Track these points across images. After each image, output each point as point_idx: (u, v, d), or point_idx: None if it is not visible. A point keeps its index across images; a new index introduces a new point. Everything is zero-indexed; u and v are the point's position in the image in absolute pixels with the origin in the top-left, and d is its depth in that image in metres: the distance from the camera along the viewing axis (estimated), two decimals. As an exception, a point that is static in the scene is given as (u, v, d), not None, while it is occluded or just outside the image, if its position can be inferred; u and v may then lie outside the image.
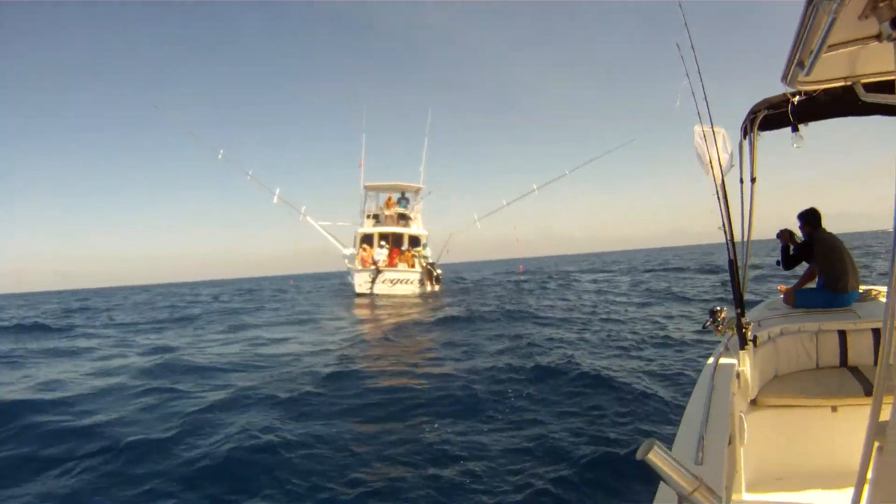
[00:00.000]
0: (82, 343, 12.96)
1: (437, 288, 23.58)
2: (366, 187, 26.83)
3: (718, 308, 2.94)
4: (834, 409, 3.06)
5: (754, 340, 2.81)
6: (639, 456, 1.03)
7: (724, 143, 3.30)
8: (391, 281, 22.79)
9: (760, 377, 3.27)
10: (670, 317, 11.84)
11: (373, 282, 22.52)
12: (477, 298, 19.01)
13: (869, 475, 1.74)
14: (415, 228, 25.98)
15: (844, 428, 2.89)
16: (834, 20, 1.64)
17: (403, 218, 26.08)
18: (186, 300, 32.53)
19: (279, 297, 28.82)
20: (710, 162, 3.06)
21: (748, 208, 3.45)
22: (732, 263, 2.84)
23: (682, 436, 1.95)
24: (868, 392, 2.90)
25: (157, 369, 8.54)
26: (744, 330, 2.75)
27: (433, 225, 28.50)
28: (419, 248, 24.56)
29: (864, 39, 1.98)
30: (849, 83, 2.45)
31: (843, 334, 3.50)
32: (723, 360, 2.78)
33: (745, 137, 3.53)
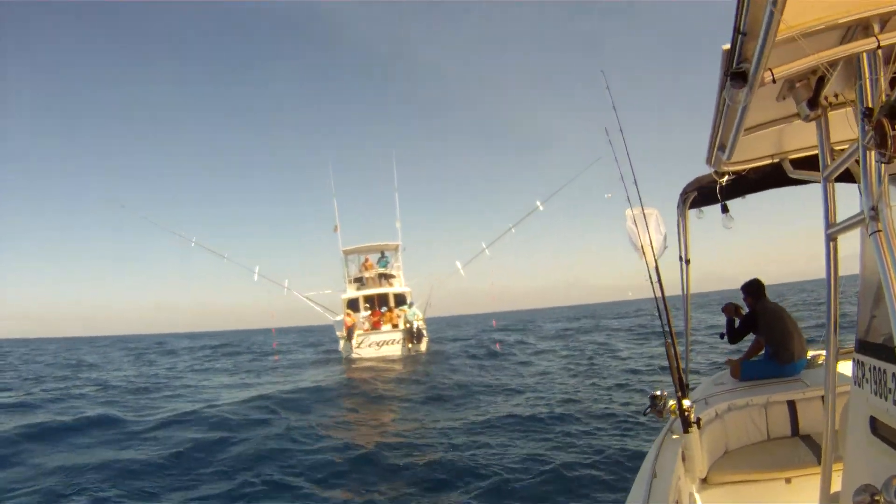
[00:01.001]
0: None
1: (422, 348, 22.92)
2: (344, 252, 26.71)
3: (659, 393, 2.92)
4: (788, 480, 3.03)
5: (698, 422, 2.82)
6: None
7: (657, 225, 3.40)
8: (377, 343, 22.41)
9: (710, 455, 3.24)
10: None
11: (358, 346, 22.15)
12: (446, 367, 18.35)
13: None
14: (398, 286, 25.77)
15: (799, 498, 2.86)
16: (745, 109, 1.64)
17: (386, 277, 25.97)
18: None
19: (255, 359, 27.94)
20: (643, 246, 3.16)
21: (686, 289, 3.54)
22: (669, 347, 2.89)
23: None
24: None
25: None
26: (686, 413, 2.76)
27: (419, 279, 28.08)
28: (404, 308, 24.24)
29: (786, 118, 2.05)
30: (776, 160, 2.57)
31: (792, 404, 3.50)
32: (666, 444, 2.78)
33: (680, 217, 3.66)
